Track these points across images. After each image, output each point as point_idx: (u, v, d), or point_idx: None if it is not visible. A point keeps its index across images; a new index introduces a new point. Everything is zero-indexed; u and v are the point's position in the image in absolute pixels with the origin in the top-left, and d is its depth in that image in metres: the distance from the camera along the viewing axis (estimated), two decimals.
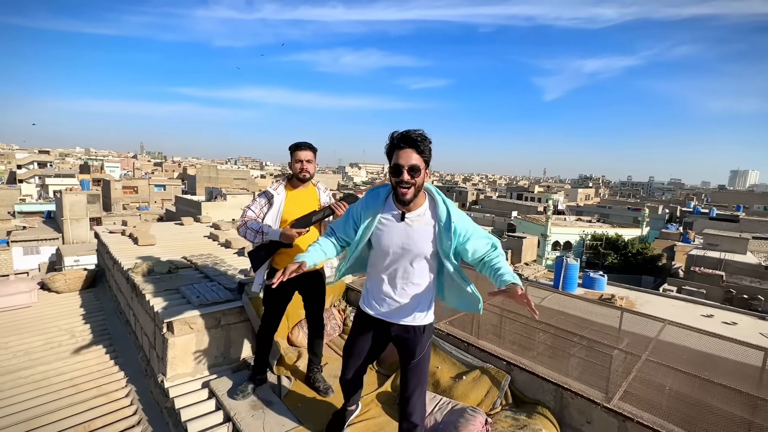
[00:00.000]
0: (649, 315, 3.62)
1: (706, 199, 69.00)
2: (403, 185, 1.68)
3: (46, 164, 57.37)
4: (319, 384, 2.90)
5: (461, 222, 1.75)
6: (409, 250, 1.80)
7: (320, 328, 2.90)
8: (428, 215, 1.79)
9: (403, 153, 1.66)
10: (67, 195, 27.71)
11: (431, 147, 1.72)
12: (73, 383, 3.37)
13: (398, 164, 1.67)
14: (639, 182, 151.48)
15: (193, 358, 3.08)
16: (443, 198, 1.79)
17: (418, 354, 1.91)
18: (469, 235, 1.75)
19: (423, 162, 1.69)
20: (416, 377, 1.95)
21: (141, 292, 3.48)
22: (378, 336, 2.01)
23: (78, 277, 5.57)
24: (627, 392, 2.37)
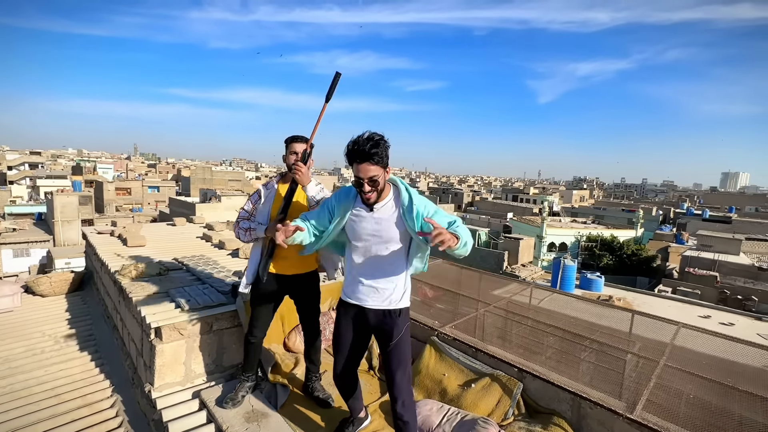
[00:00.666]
0: (661, 317, 3.48)
1: (698, 200, 69.59)
2: (366, 193, 1.88)
3: (38, 165, 56.53)
4: (318, 393, 2.72)
5: (421, 203, 1.92)
6: (379, 236, 1.97)
7: (316, 334, 2.73)
8: (392, 203, 1.97)
9: (362, 167, 1.82)
10: (58, 196, 27.23)
11: (387, 149, 1.85)
12: (55, 393, 3.16)
13: (358, 177, 1.85)
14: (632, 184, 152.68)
15: (182, 367, 2.88)
16: (405, 186, 1.96)
17: (395, 336, 2.02)
18: (430, 214, 1.91)
19: (380, 169, 1.85)
20: (396, 359, 2.04)
21: (128, 295, 3.27)
22: (358, 324, 2.11)
23: (64, 280, 5.33)
24: (649, 401, 2.22)
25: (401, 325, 2.04)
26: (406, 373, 2.06)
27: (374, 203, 1.94)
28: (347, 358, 2.18)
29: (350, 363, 2.19)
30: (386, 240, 1.96)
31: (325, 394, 2.72)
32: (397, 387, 2.03)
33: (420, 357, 2.99)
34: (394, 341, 2.02)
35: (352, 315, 2.11)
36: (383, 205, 1.96)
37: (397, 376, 2.03)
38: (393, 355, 2.04)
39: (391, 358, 2.05)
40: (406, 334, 2.06)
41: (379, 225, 1.95)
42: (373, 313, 2.04)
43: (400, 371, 2.04)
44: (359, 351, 2.21)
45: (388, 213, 1.96)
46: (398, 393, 2.03)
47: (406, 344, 2.06)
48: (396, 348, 2.03)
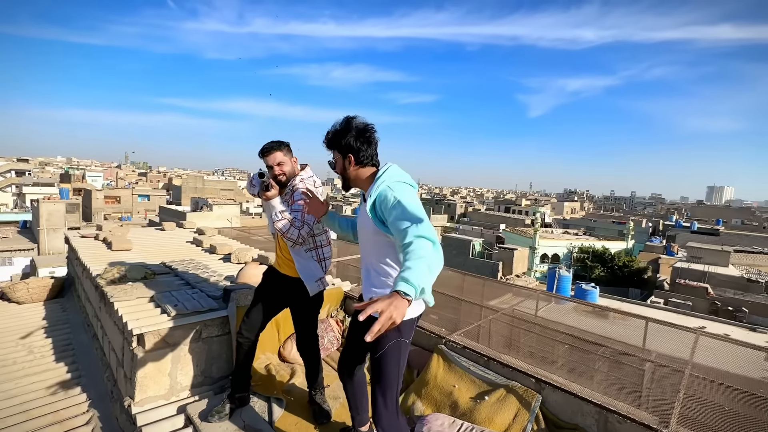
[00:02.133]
0: (678, 325, 3.31)
1: (686, 213, 70.62)
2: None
3: (25, 173, 55.41)
4: (318, 404, 2.47)
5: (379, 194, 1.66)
6: (362, 228, 1.84)
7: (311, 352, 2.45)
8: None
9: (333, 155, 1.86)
10: (44, 204, 26.56)
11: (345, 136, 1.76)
12: (24, 408, 2.86)
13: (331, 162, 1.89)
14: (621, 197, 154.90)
15: (167, 378, 2.62)
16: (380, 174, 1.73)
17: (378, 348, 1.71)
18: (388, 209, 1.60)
19: (340, 156, 1.81)
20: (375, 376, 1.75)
21: (109, 300, 3.01)
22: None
23: (43, 286, 5.01)
24: (683, 414, 2.03)
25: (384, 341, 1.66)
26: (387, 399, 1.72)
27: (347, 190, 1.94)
28: (351, 354, 2.04)
29: (353, 359, 2.04)
30: (368, 232, 1.77)
31: (326, 406, 2.48)
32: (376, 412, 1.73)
33: (427, 367, 2.77)
34: (378, 353, 1.69)
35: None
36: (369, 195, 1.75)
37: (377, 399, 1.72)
38: (373, 372, 1.74)
39: (372, 375, 1.76)
40: (392, 351, 1.69)
41: (363, 215, 1.80)
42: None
43: (378, 394, 1.72)
44: (363, 350, 2.01)
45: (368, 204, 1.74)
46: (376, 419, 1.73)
47: (390, 364, 1.70)
48: (378, 364, 1.71)
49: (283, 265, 2.36)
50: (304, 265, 2.26)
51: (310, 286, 2.27)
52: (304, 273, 2.26)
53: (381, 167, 1.79)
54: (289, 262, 2.32)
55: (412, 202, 1.59)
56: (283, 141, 2.29)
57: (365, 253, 1.86)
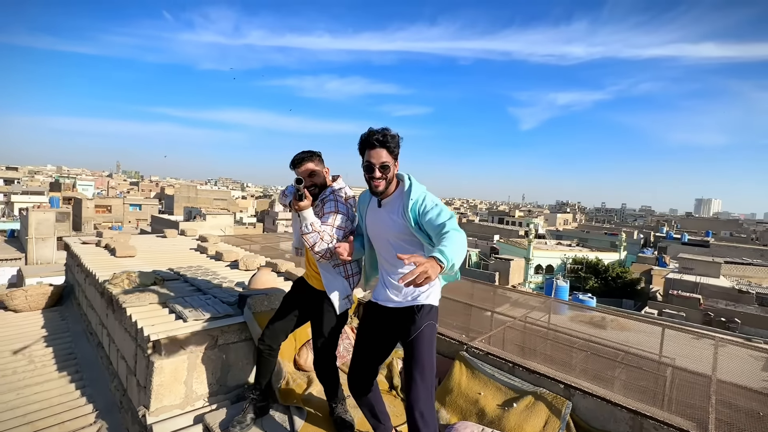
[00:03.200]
0: (694, 330, 3.30)
1: (676, 225, 71.65)
2: (376, 180, 1.88)
3: (14, 181, 54.49)
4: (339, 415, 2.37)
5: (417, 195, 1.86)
6: (388, 231, 1.95)
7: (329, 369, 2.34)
8: (399, 197, 1.94)
9: (374, 152, 1.85)
10: (33, 212, 26.05)
11: (399, 142, 1.89)
12: (28, 420, 2.74)
13: (370, 162, 1.86)
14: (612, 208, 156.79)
15: (183, 386, 2.52)
16: (410, 180, 1.92)
17: (412, 332, 1.86)
18: (426, 211, 1.81)
19: (392, 158, 1.88)
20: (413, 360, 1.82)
21: (120, 305, 2.91)
22: (380, 325, 2.02)
23: (41, 293, 4.86)
24: (719, 420, 2.00)
25: (420, 322, 1.86)
26: (426, 379, 1.80)
27: (382, 195, 1.95)
28: (363, 359, 2.06)
29: (365, 364, 2.05)
30: (396, 234, 1.93)
31: (348, 417, 2.39)
32: (413, 394, 1.76)
33: (449, 374, 2.71)
34: (411, 337, 1.85)
35: (375, 316, 2.04)
36: (391, 200, 1.97)
37: (415, 381, 1.78)
38: (410, 356, 1.84)
39: (407, 360, 1.87)
40: (428, 333, 1.86)
41: (388, 219, 1.95)
42: (394, 312, 1.96)
43: (419, 375, 1.79)
44: (377, 354, 2.06)
45: (394, 207, 1.94)
46: (414, 401, 1.75)
47: (425, 345, 1.84)
48: (412, 346, 1.84)
49: (312, 277, 2.32)
50: (330, 281, 2.20)
51: (337, 304, 2.20)
52: (330, 289, 2.19)
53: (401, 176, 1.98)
54: (316, 275, 2.26)
55: (441, 204, 1.86)
56: (314, 151, 2.25)
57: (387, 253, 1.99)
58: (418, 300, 1.91)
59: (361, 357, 2.05)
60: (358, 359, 2.06)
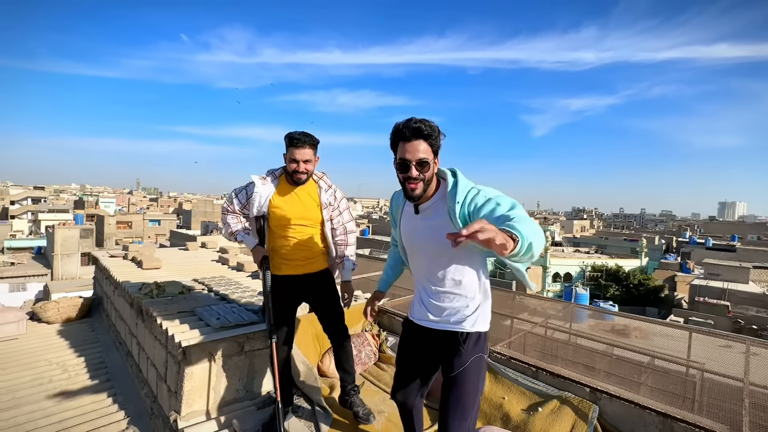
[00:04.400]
0: (725, 333, 3.22)
1: (699, 229, 69.42)
2: (411, 181, 1.50)
3: (40, 200, 56.75)
4: (357, 408, 2.42)
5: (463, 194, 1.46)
6: (428, 244, 1.61)
7: (342, 338, 2.43)
8: (442, 201, 1.56)
9: (410, 146, 1.48)
10: (59, 230, 27.06)
11: (440, 133, 1.51)
12: (64, 426, 2.85)
13: (404, 159, 1.49)
14: (631, 214, 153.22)
15: (211, 392, 2.59)
16: (455, 177, 1.53)
17: (456, 367, 1.58)
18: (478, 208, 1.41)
19: (432, 153, 1.50)
20: (453, 397, 1.58)
21: (150, 314, 3.03)
22: (419, 346, 1.75)
23: (72, 305, 5.06)
24: (753, 423, 1.95)
25: (466, 356, 1.57)
26: (465, 424, 1.56)
27: (419, 200, 1.57)
28: (405, 380, 1.82)
29: (408, 385, 1.81)
30: (438, 247, 1.56)
31: (366, 410, 2.42)
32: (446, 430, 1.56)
33: None
34: (454, 373, 1.58)
35: (413, 335, 1.76)
36: (431, 204, 1.59)
37: (452, 421, 1.56)
38: (450, 392, 1.59)
39: (447, 394, 1.60)
40: (474, 369, 1.58)
41: (430, 229, 1.58)
42: (433, 333, 1.66)
43: (455, 415, 1.56)
44: (419, 375, 1.79)
45: (437, 213, 1.56)
46: None
47: (470, 383, 1.58)
48: (454, 383, 1.58)
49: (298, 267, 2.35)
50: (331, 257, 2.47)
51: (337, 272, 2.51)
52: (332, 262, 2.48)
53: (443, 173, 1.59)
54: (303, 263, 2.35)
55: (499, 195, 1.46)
56: (315, 137, 2.20)
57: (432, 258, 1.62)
58: (462, 325, 1.59)
59: (402, 374, 1.83)
60: (400, 376, 1.84)
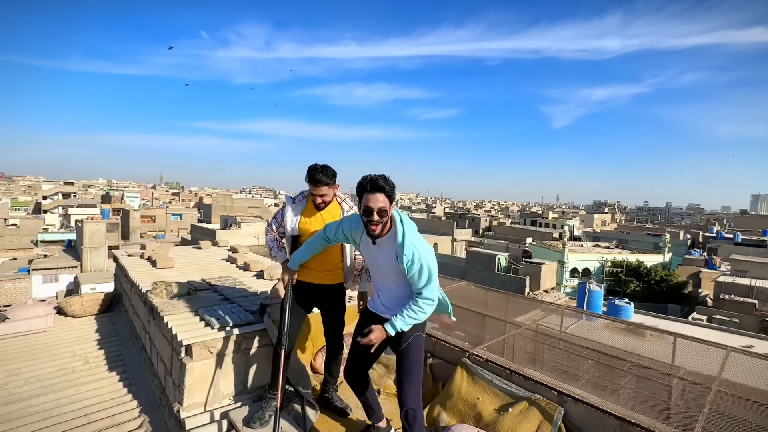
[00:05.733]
0: (707, 341, 3.27)
1: (728, 224, 66.64)
2: (373, 223, 1.98)
3: (70, 195, 59.40)
4: (336, 403, 2.78)
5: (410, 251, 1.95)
6: (381, 267, 2.14)
7: (339, 348, 2.84)
8: (392, 242, 2.03)
9: (372, 197, 1.95)
10: (87, 224, 28.35)
11: (394, 186, 2.02)
12: (85, 413, 3.17)
13: (368, 207, 1.96)
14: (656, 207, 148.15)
15: (211, 386, 2.86)
16: (403, 224, 2.01)
17: (402, 343, 2.14)
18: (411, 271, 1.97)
19: (389, 202, 1.99)
20: (403, 366, 2.14)
21: (159, 313, 3.31)
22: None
23: (95, 300, 5.46)
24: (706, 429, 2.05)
25: (409, 333, 2.12)
26: (413, 381, 2.11)
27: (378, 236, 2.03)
28: (358, 358, 2.35)
29: (360, 363, 2.36)
30: (387, 270, 2.11)
31: (343, 404, 2.77)
32: (403, 393, 2.10)
33: (451, 380, 2.88)
34: (402, 347, 2.14)
35: (370, 320, 2.23)
36: (385, 240, 2.06)
37: (403, 382, 2.11)
38: (401, 363, 2.15)
39: (398, 366, 2.16)
40: (415, 344, 2.15)
41: (381, 258, 2.10)
42: (384, 319, 2.14)
43: (405, 377, 2.11)
44: (370, 356, 2.34)
45: (388, 250, 2.05)
46: (404, 399, 2.08)
47: (415, 353, 2.14)
48: (403, 355, 2.13)
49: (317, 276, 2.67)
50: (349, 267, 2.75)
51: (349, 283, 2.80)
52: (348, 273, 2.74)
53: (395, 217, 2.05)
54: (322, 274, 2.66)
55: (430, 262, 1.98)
56: (333, 174, 2.56)
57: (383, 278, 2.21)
58: None
59: (356, 356, 2.35)
60: (354, 358, 2.37)
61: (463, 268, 25.12)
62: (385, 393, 3.06)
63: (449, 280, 5.19)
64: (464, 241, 41.37)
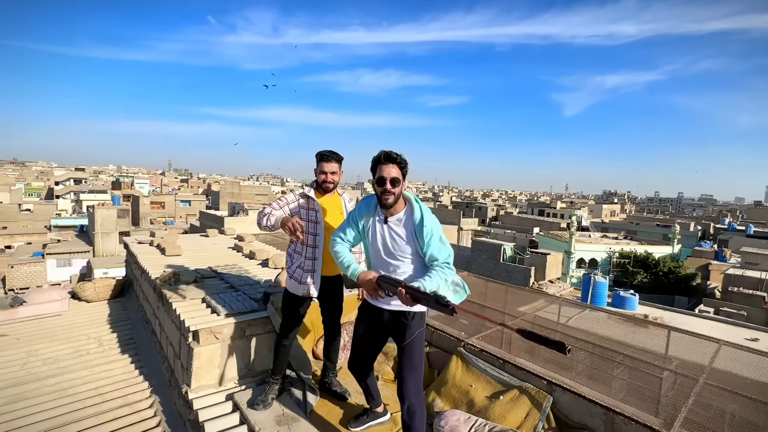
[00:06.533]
0: (699, 334, 3.33)
1: (741, 215, 65.47)
2: (386, 193, 2.05)
3: (82, 181, 60.34)
4: (335, 388, 2.89)
5: (429, 227, 2.03)
6: (392, 248, 2.13)
7: (337, 334, 2.94)
8: (406, 218, 2.12)
9: (386, 168, 2.04)
10: (99, 210, 28.89)
11: (407, 162, 2.09)
12: (99, 392, 3.35)
13: (382, 176, 2.05)
14: (667, 198, 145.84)
15: (217, 369, 3.00)
16: (419, 205, 2.10)
17: (407, 337, 2.16)
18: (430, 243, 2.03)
19: (401, 174, 2.07)
20: (405, 361, 2.17)
21: (167, 300, 3.46)
22: (376, 324, 2.28)
23: (107, 286, 5.66)
24: (688, 419, 2.13)
25: (414, 328, 2.16)
26: (415, 377, 2.16)
27: (390, 211, 2.10)
28: (362, 353, 2.41)
29: (364, 357, 2.43)
30: (398, 252, 2.12)
31: (342, 388, 2.89)
32: (405, 388, 2.13)
33: (446, 367, 2.99)
34: (406, 341, 2.17)
35: (371, 315, 2.28)
36: (397, 218, 2.13)
37: (405, 377, 2.15)
38: (403, 357, 2.18)
39: (401, 359, 2.19)
40: (419, 339, 2.18)
41: (392, 239, 2.13)
42: (389, 313, 2.20)
43: (408, 373, 2.14)
44: (373, 348, 2.42)
45: (401, 228, 2.11)
46: (405, 394, 2.12)
47: (417, 348, 2.18)
48: (407, 349, 2.17)
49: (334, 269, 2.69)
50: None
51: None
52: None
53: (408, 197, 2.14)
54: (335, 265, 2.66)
55: (444, 237, 2.07)
56: (340, 154, 2.64)
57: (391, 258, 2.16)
58: (411, 307, 2.10)
59: (359, 348, 2.42)
60: (356, 350, 2.43)
61: (469, 258, 25.19)
62: (383, 379, 3.18)
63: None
64: (471, 231, 41.34)
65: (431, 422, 2.53)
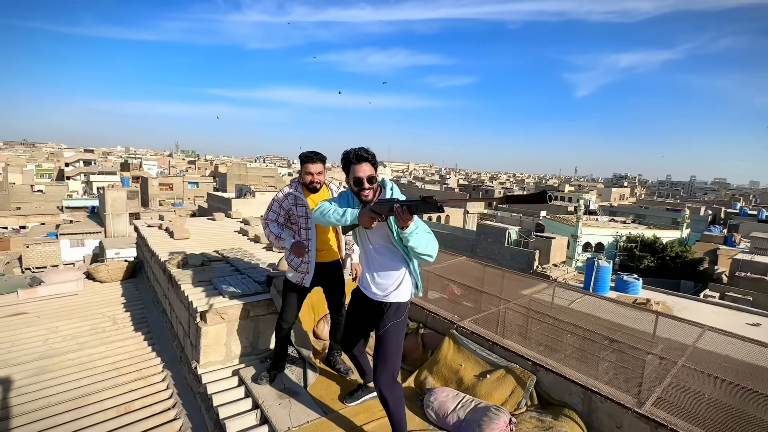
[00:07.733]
0: (685, 319, 3.44)
1: (754, 199, 64.35)
2: (365, 190, 2.08)
3: (91, 162, 61.02)
4: (339, 366, 3.08)
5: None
6: (373, 236, 2.17)
7: (342, 317, 3.05)
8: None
9: (359, 167, 2.07)
10: (109, 191, 29.35)
11: (375, 155, 2.14)
12: (115, 367, 3.59)
13: (358, 177, 2.07)
14: (679, 181, 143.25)
15: (223, 347, 3.21)
16: (392, 187, 2.12)
17: (381, 327, 2.20)
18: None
19: (374, 171, 2.12)
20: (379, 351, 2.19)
21: (176, 282, 3.65)
22: (363, 308, 2.35)
23: (119, 267, 5.91)
24: (661, 398, 2.27)
25: (388, 320, 2.17)
26: (386, 368, 2.15)
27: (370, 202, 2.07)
28: (353, 335, 2.53)
29: (354, 335, 2.54)
30: (378, 239, 2.16)
31: (345, 366, 3.07)
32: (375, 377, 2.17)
33: (439, 348, 3.16)
34: (380, 331, 2.19)
35: (359, 300, 2.37)
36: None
37: (376, 366, 2.17)
38: (377, 346, 2.20)
39: (375, 348, 2.22)
40: (393, 330, 2.17)
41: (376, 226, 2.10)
42: (371, 302, 2.26)
43: (379, 363, 2.16)
44: (362, 328, 2.51)
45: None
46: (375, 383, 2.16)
47: (392, 339, 2.17)
48: (380, 339, 2.18)
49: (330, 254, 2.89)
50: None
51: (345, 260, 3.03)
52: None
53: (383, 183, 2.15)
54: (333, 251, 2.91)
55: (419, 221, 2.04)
56: (323, 155, 2.75)
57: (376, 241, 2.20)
58: (388, 297, 2.18)
59: (350, 329, 2.56)
60: (348, 331, 2.57)
61: (473, 241, 25.31)
62: None
63: (449, 255, 5.41)
64: (477, 214, 41.30)
65: (422, 398, 2.71)
